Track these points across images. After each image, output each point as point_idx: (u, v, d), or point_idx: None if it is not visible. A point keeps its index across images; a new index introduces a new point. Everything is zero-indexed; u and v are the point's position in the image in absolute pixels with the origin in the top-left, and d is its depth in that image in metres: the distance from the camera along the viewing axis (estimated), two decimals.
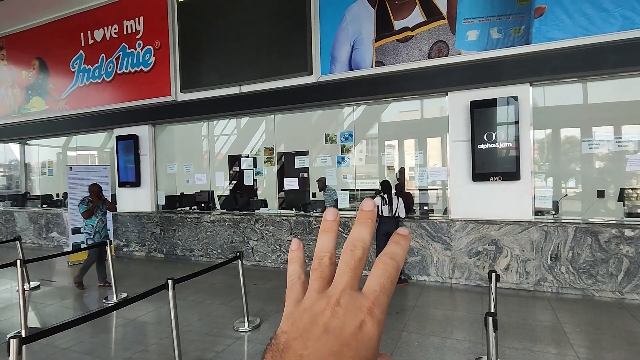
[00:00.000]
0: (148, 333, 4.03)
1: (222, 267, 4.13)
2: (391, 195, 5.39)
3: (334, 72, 6.05)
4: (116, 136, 8.16)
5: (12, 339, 1.93)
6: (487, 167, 5.09)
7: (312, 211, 6.52)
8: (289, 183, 6.91)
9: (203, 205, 7.48)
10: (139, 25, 7.73)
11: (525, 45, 4.91)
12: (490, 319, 2.11)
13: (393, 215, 5.32)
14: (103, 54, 8.20)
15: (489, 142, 5.07)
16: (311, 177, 7.50)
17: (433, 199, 7.16)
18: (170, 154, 8.30)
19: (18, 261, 4.08)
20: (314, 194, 7.23)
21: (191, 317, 4.35)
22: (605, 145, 5.83)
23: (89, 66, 8.40)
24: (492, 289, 2.94)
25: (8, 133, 10.02)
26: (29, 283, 5.74)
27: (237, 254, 4.10)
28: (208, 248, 7.14)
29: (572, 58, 4.74)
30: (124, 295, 5.20)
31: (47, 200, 9.86)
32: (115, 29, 8.02)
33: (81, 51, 8.51)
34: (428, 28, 5.41)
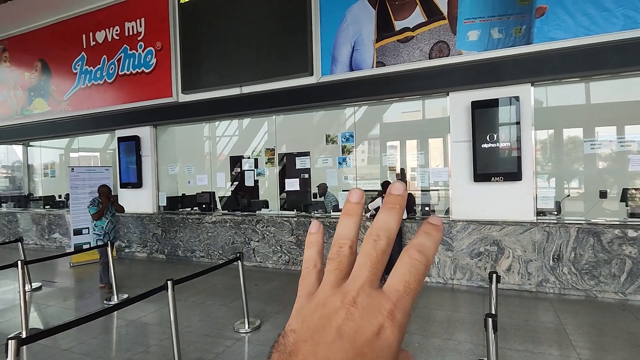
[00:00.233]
0: (149, 334, 4.03)
1: (223, 268, 4.13)
2: None
3: (335, 73, 6.05)
4: (118, 137, 8.18)
5: (10, 340, 1.93)
6: (489, 168, 5.07)
7: (314, 212, 6.51)
8: (290, 184, 6.91)
9: (204, 206, 7.48)
10: (140, 26, 7.76)
11: (526, 45, 4.89)
12: (490, 320, 2.09)
13: None
14: (105, 56, 8.23)
15: (491, 143, 5.05)
16: (312, 178, 7.49)
17: (435, 200, 7.13)
18: (171, 155, 8.32)
19: (19, 262, 4.09)
20: (315, 195, 7.22)
21: (192, 318, 4.35)
22: (607, 145, 5.79)
23: (91, 68, 8.44)
24: (493, 290, 2.92)
25: (11, 134, 10.06)
26: (31, 284, 5.76)
27: (237, 255, 4.09)
28: (209, 249, 7.15)
29: (574, 58, 4.72)
30: (125, 296, 5.20)
31: (50, 201, 9.90)
32: (116, 31, 8.05)
33: (83, 53, 8.54)
34: (429, 28, 5.40)
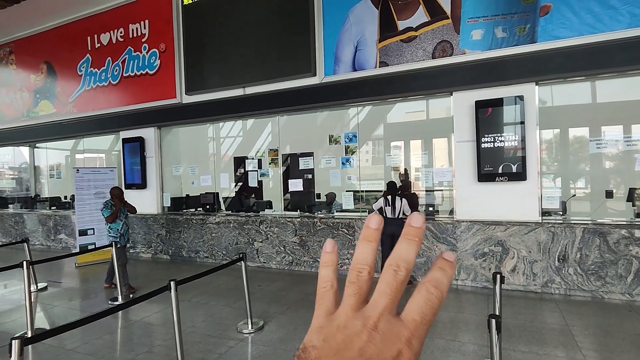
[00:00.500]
0: (152, 334, 4.05)
1: (227, 269, 4.13)
2: (394, 196, 5.36)
3: (338, 73, 6.04)
4: (122, 138, 8.23)
5: (14, 340, 1.95)
6: (493, 168, 5.04)
7: (317, 212, 6.51)
8: (294, 184, 6.91)
9: (208, 206, 7.50)
10: (145, 28, 7.80)
11: (530, 44, 4.86)
12: (493, 321, 2.08)
13: (396, 216, 5.29)
14: (109, 58, 8.28)
15: (495, 142, 5.02)
16: (316, 179, 7.48)
17: (439, 200, 7.10)
18: (175, 156, 8.35)
19: (24, 263, 4.13)
20: (319, 195, 7.21)
21: (195, 319, 4.36)
22: (614, 144, 5.73)
23: (96, 69, 8.50)
24: (497, 291, 2.90)
25: (18, 136, 10.17)
26: (37, 284, 5.81)
27: (240, 256, 4.10)
28: (213, 249, 7.16)
29: (579, 57, 4.68)
30: (130, 296, 5.23)
31: (56, 202, 9.98)
32: (121, 33, 8.10)
33: (88, 55, 8.61)
34: (432, 28, 5.38)
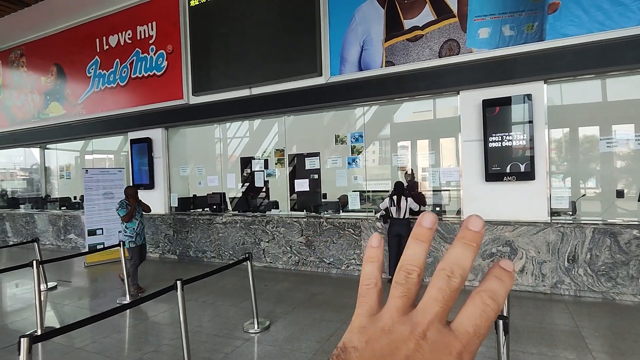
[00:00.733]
0: (160, 333, 4.08)
1: (234, 268, 4.14)
2: (400, 196, 5.34)
3: (344, 73, 6.03)
4: (130, 139, 8.31)
5: (23, 338, 1.97)
6: (501, 167, 4.99)
7: (323, 212, 6.50)
8: (300, 184, 6.91)
9: (215, 207, 7.54)
10: (152, 30, 7.87)
11: (539, 42, 4.80)
12: (500, 322, 2.05)
13: (402, 216, 5.27)
14: (117, 59, 8.37)
15: (502, 142, 4.97)
16: (322, 179, 7.48)
17: (446, 200, 7.04)
18: (183, 157, 8.41)
19: (34, 262, 4.18)
20: (325, 195, 7.21)
21: (202, 318, 4.38)
22: (625, 143, 5.63)
23: (104, 71, 8.59)
24: None
25: (29, 137, 10.32)
26: (47, 283, 5.88)
27: (246, 255, 4.11)
28: (220, 249, 7.20)
29: (588, 54, 4.61)
30: (138, 296, 5.27)
31: (66, 202, 10.11)
32: (129, 35, 8.18)
33: (97, 57, 8.71)
34: (438, 27, 5.34)
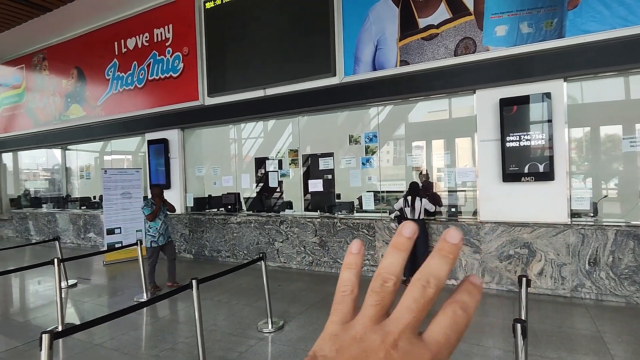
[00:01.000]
0: (175, 331, 4.13)
1: (248, 268, 4.17)
2: (414, 197, 5.29)
3: (358, 73, 6.01)
4: (148, 140, 8.46)
5: (44, 334, 2.02)
6: (519, 167, 4.88)
7: (337, 213, 6.49)
8: (314, 185, 6.91)
9: (230, 207, 7.61)
10: (169, 32, 8.00)
11: (558, 39, 4.68)
12: (518, 326, 2.00)
13: (417, 217, 5.22)
14: (135, 62, 8.54)
15: (520, 141, 4.87)
16: (336, 179, 7.47)
17: (461, 201, 6.94)
18: (198, 157, 8.52)
19: (55, 260, 4.30)
20: (339, 196, 7.19)
21: (217, 317, 4.42)
22: None
23: (122, 74, 8.78)
24: (523, 295, 2.80)
25: (50, 139, 10.62)
26: (67, 281, 6.04)
27: (261, 255, 4.13)
28: (235, 249, 7.26)
29: (610, 51, 4.47)
30: (155, 294, 5.36)
31: (85, 202, 10.36)
32: (146, 37, 8.34)
33: (115, 59, 8.90)
34: (454, 25, 5.27)
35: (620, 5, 4.36)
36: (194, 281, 3.07)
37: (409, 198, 5.31)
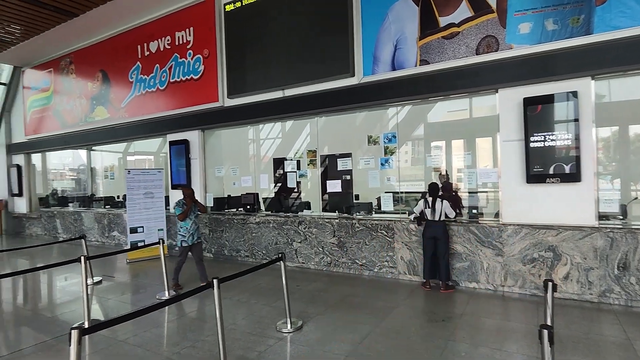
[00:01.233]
0: (196, 330, 4.20)
1: (267, 268, 4.20)
2: (435, 198, 5.21)
3: (377, 73, 5.97)
4: (169, 141, 8.64)
5: (73, 330, 2.09)
6: (543, 168, 4.75)
7: (355, 214, 6.46)
8: (332, 185, 6.91)
9: (249, 207, 7.68)
10: (190, 35, 8.15)
11: (585, 35, 4.53)
12: (545, 332, 1.95)
13: (438, 219, 5.14)
14: (157, 64, 8.73)
15: (545, 142, 4.74)
16: (354, 180, 7.44)
17: (482, 202, 6.80)
18: (218, 158, 8.64)
19: (82, 258, 4.43)
20: (357, 197, 7.16)
21: (236, 316, 4.47)
22: None
23: (145, 76, 8.99)
24: (548, 299, 2.72)
25: (77, 140, 10.97)
26: (93, 278, 6.22)
27: (280, 255, 4.15)
28: (253, 249, 7.33)
29: None
30: (175, 292, 5.46)
31: (110, 201, 10.66)
32: (168, 40, 8.51)
33: (138, 62, 9.12)
34: (476, 23, 5.17)
35: None
36: (215, 280, 3.12)
37: (430, 199, 5.24)
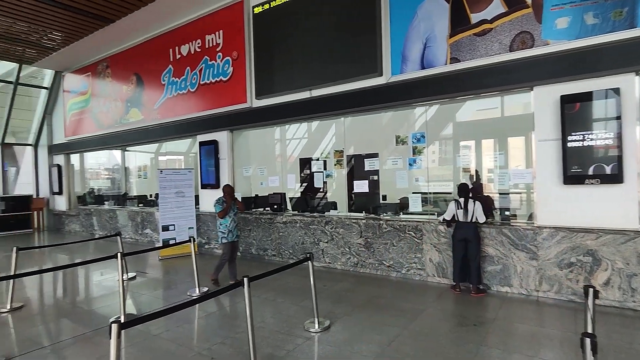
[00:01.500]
0: (225, 326, 4.28)
1: (293, 267, 4.23)
2: (467, 199, 5.08)
3: (405, 72, 5.89)
4: (199, 142, 8.86)
5: (113, 324, 2.18)
6: (582, 169, 4.54)
7: (382, 214, 6.40)
8: (359, 185, 6.88)
9: (276, 206, 7.76)
10: (219, 38, 8.32)
11: (629, 29, 4.29)
12: (588, 341, 1.86)
13: (470, 220, 5.01)
14: (188, 67, 8.97)
15: (584, 141, 4.52)
16: (380, 180, 7.38)
17: (515, 204, 6.58)
18: (246, 158, 8.78)
19: (119, 254, 4.62)
20: (385, 197, 7.09)
21: (264, 315, 4.52)
22: None
23: (177, 79, 9.26)
24: (589, 306, 2.60)
25: (112, 141, 11.44)
26: (127, 274, 6.46)
27: (308, 255, 4.17)
28: (280, 248, 7.39)
29: None
30: (205, 289, 5.60)
31: (142, 200, 11.04)
32: (198, 44, 8.73)
33: (170, 65, 9.41)
34: (510, 19, 5.01)
35: None
36: (246, 279, 3.16)
37: (461, 200, 5.12)
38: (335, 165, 7.32)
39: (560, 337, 3.70)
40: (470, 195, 5.17)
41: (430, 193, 6.58)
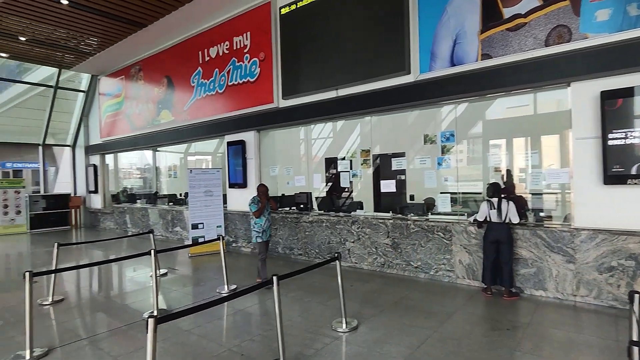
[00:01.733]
0: (253, 324, 4.34)
1: (320, 267, 4.23)
2: (500, 199, 4.93)
3: (434, 70, 5.78)
4: (227, 142, 9.03)
5: (149, 319, 2.25)
6: (624, 168, 4.31)
7: (410, 214, 6.31)
8: (386, 185, 6.80)
9: (302, 206, 7.80)
10: (247, 40, 8.45)
11: None
12: (635, 350, 1.76)
13: (503, 220, 4.86)
14: (217, 69, 9.16)
15: (626, 139, 4.29)
16: (407, 180, 7.27)
17: (549, 204, 6.32)
18: (272, 158, 8.87)
19: (152, 251, 4.77)
20: (412, 197, 6.98)
21: (292, 313, 4.55)
22: None
23: (205, 80, 9.47)
24: (635, 313, 2.46)
25: (144, 141, 11.83)
26: (159, 270, 6.66)
27: (336, 255, 4.16)
28: (307, 247, 7.43)
29: None
30: (234, 287, 5.70)
31: (172, 199, 11.37)
32: (226, 46, 8.90)
33: (199, 67, 9.63)
34: (545, 12, 4.82)
35: None
36: (275, 278, 3.19)
37: (494, 200, 4.97)
38: (361, 164, 7.27)
39: (600, 345, 3.53)
40: (502, 195, 5.02)
41: (459, 193, 6.43)
